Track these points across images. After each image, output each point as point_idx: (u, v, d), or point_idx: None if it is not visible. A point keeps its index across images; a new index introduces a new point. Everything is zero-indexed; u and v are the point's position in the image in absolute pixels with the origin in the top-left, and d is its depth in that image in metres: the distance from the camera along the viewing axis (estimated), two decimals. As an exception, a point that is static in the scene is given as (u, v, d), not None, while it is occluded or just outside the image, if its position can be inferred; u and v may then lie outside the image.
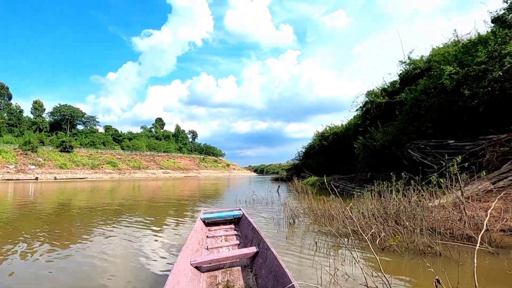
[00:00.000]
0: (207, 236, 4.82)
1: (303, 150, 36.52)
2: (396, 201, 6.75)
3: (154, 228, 7.09)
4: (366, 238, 3.15)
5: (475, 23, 20.84)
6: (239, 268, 3.40)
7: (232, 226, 5.59)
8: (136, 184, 33.85)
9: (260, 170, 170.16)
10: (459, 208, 5.57)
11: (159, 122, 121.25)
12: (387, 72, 36.34)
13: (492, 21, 15.23)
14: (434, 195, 6.94)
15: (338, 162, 26.83)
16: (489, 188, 7.03)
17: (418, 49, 22.88)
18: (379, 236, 4.48)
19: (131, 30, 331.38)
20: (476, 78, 10.15)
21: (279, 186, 19.26)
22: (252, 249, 3.45)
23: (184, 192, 19.33)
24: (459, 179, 5.65)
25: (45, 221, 8.30)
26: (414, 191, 6.94)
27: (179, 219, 8.49)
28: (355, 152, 21.91)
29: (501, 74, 8.69)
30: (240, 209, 5.91)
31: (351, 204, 6.26)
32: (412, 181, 7.45)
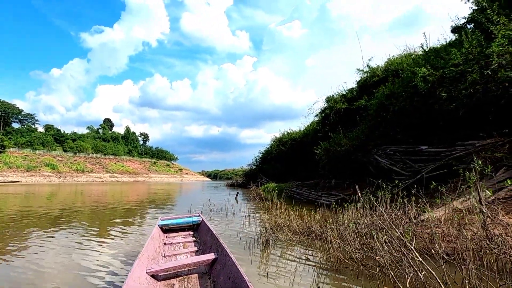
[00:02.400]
0: (165, 243, 4.58)
1: (260, 155, 35.16)
2: (393, 215, 5.43)
3: (99, 237, 6.35)
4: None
5: (430, 35, 21.18)
6: (197, 275, 3.28)
7: (191, 232, 5.35)
8: (79, 189, 30.16)
9: (213, 176, 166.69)
10: (484, 225, 4.31)
11: (108, 123, 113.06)
12: (337, 84, 37.25)
13: (452, 31, 15.27)
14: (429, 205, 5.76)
15: (296, 168, 25.88)
16: (491, 199, 6.01)
17: (371, 61, 23.03)
18: (408, 275, 2.97)
19: (80, 25, 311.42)
20: (453, 80, 9.43)
21: (237, 193, 17.51)
22: (211, 256, 3.34)
23: (131, 199, 16.76)
24: (478, 187, 4.41)
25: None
26: (408, 202, 5.70)
27: (126, 227, 7.48)
28: (314, 158, 21.11)
29: (489, 73, 7.93)
30: (199, 215, 5.67)
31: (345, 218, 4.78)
32: (413, 190, 6.23)
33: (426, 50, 13.69)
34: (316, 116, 25.39)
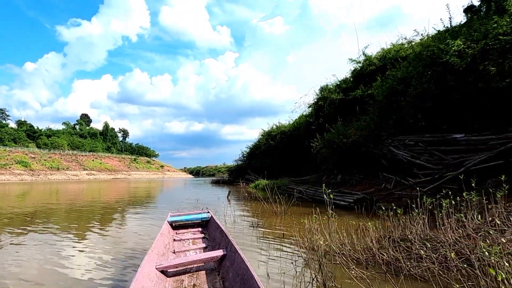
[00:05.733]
0: (174, 240, 4.36)
1: (248, 150, 32.74)
2: None
3: (79, 237, 5.76)
4: None
5: (429, 21, 19.58)
6: (206, 271, 3.14)
7: (200, 229, 5.05)
8: (54, 187, 27.16)
9: (196, 172, 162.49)
10: None
11: (85, 118, 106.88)
12: (318, 80, 36.35)
13: (465, 11, 13.81)
14: None
15: (287, 162, 23.84)
16: None
17: (367, 48, 21.67)
18: None
19: (56, 18, 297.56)
20: (503, 51, 7.54)
21: (229, 191, 15.16)
22: (219, 252, 3.20)
23: (110, 198, 14.17)
24: None
25: None
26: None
27: (107, 227, 6.81)
28: (307, 152, 19.28)
29: None
30: (208, 212, 5.41)
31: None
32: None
33: (448, 27, 11.84)
34: (309, 107, 23.50)
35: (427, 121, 10.06)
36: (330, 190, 11.12)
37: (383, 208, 4.72)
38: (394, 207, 4.69)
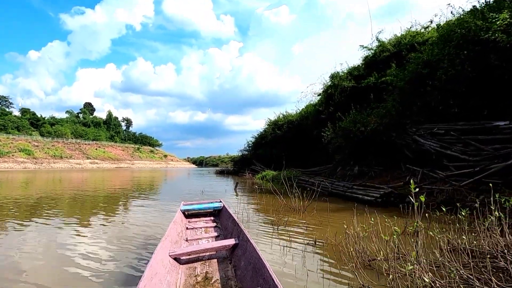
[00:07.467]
0: (187, 228, 4.38)
1: (253, 140, 31.57)
2: None
3: (84, 226, 5.51)
4: None
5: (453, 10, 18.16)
6: (218, 260, 3.14)
7: (212, 218, 5.07)
8: (57, 175, 26.71)
9: (199, 162, 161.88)
10: None
11: (88, 107, 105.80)
12: (324, 70, 35.00)
13: None
14: None
15: (295, 153, 22.85)
16: None
17: (381, 33, 20.26)
18: None
19: (60, 6, 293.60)
20: None
21: (236, 183, 14.15)
22: (232, 241, 3.17)
23: (114, 188, 13.35)
24: None
25: None
26: None
27: (112, 217, 6.61)
28: (316, 142, 18.35)
29: None
30: (220, 201, 5.35)
31: None
32: None
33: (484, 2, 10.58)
34: (318, 95, 22.41)
35: (459, 107, 8.95)
36: (351, 184, 10.10)
37: (444, 209, 3.69)
38: (459, 206, 3.67)
